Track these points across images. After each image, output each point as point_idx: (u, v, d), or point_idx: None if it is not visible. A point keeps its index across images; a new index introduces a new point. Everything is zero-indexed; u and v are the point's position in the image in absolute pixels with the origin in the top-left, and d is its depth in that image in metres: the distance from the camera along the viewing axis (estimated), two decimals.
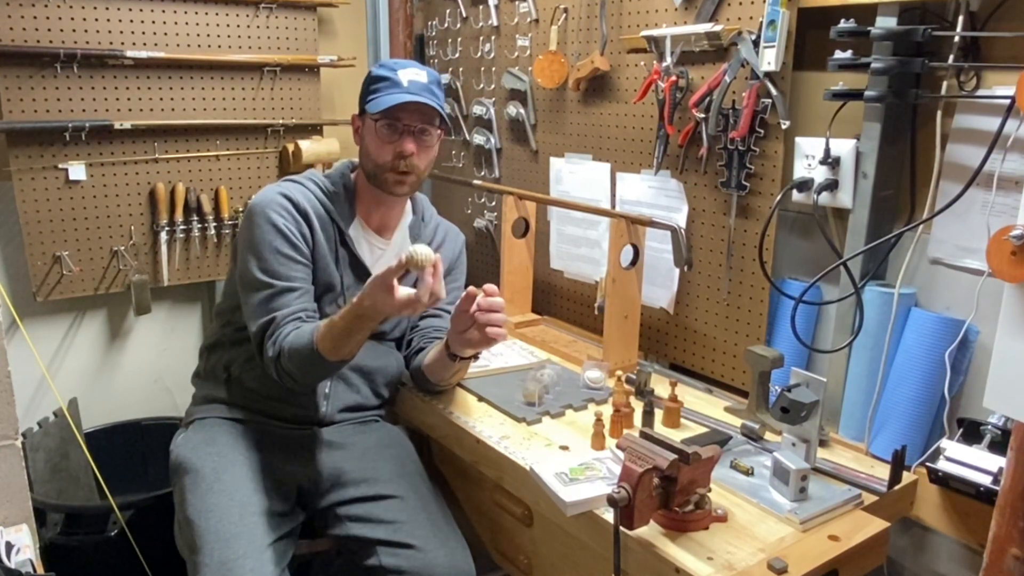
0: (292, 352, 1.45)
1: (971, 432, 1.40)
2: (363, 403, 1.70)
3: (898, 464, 1.37)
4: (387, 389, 1.75)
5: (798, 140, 1.59)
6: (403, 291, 1.36)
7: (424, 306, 1.39)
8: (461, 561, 1.50)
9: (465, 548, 1.53)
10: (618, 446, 1.24)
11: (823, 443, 1.51)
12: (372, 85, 1.57)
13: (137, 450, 2.31)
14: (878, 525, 1.28)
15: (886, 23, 1.40)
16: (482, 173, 2.45)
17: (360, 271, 1.63)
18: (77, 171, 2.13)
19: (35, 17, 2.02)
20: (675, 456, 1.16)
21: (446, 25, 2.48)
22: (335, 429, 1.65)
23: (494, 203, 2.42)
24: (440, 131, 1.62)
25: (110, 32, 2.12)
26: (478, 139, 2.41)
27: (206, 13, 2.26)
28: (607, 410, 1.60)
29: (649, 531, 1.23)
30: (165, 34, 2.20)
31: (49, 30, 2.04)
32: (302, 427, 1.63)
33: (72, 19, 2.07)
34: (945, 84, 1.41)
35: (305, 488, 1.58)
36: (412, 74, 1.56)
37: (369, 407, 1.72)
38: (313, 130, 2.49)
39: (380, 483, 1.57)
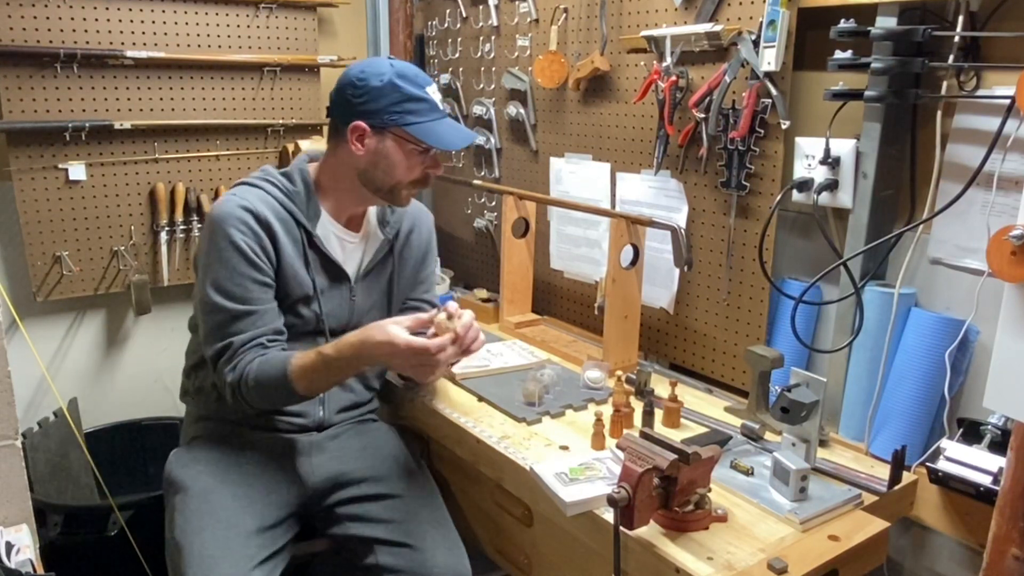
0: (259, 382, 1.43)
1: (971, 432, 1.40)
2: (358, 400, 1.69)
3: (898, 464, 1.37)
4: (377, 380, 1.74)
5: (798, 140, 1.59)
6: (411, 337, 1.37)
7: (432, 366, 1.38)
8: (458, 561, 1.49)
9: (461, 548, 1.52)
10: (618, 446, 1.24)
11: (823, 443, 1.51)
12: (407, 103, 1.48)
13: (137, 450, 2.31)
14: (878, 525, 1.28)
15: (886, 23, 1.40)
16: (482, 173, 2.45)
17: (333, 270, 1.59)
18: (77, 171, 2.13)
19: (35, 17, 2.02)
20: (675, 456, 1.16)
21: (446, 25, 2.48)
22: (333, 431, 1.65)
23: (494, 203, 2.42)
24: None
25: (110, 32, 2.12)
26: (478, 139, 2.41)
27: (206, 13, 2.26)
28: (607, 410, 1.60)
29: (649, 531, 1.23)
30: (165, 34, 2.20)
31: (49, 30, 2.04)
32: (301, 433, 1.61)
33: (72, 19, 2.07)
34: (945, 84, 1.41)
35: (304, 492, 1.57)
36: (436, 92, 1.53)
37: (364, 403, 1.71)
38: (313, 130, 2.49)
39: (378, 482, 1.57)
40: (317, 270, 1.57)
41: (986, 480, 1.31)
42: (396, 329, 1.38)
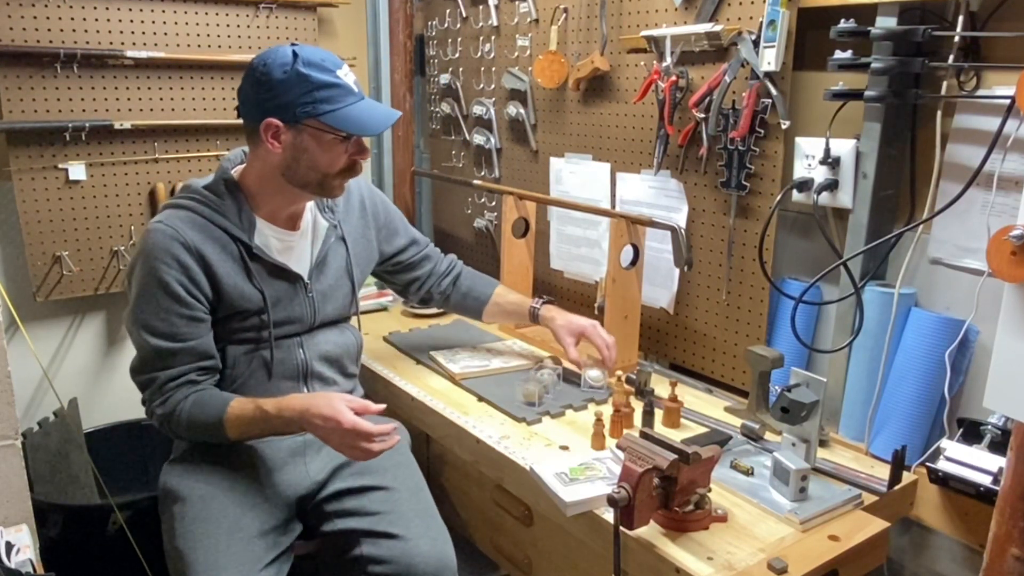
0: (192, 423, 1.45)
1: (971, 432, 1.40)
2: (339, 391, 1.66)
3: (898, 464, 1.37)
4: (354, 365, 1.72)
5: (798, 140, 1.59)
6: (356, 418, 1.37)
7: (367, 452, 1.38)
8: (443, 551, 1.47)
9: (447, 537, 1.51)
10: (618, 446, 1.24)
11: (823, 443, 1.51)
12: (319, 91, 1.40)
13: (137, 450, 2.31)
14: (878, 525, 1.28)
15: (886, 23, 1.40)
16: (482, 173, 2.45)
17: (283, 275, 1.55)
18: (77, 171, 2.13)
19: (35, 17, 2.01)
20: (675, 456, 1.16)
21: (446, 25, 2.48)
22: None
23: (494, 203, 2.42)
24: None
25: (110, 32, 2.12)
26: (478, 139, 2.41)
27: (206, 13, 2.25)
28: (607, 410, 1.61)
29: (649, 531, 1.23)
30: (165, 34, 2.20)
31: (49, 30, 2.04)
32: (292, 434, 1.59)
33: (72, 19, 2.07)
34: (945, 84, 1.41)
35: (303, 492, 1.56)
36: (348, 73, 1.45)
37: (345, 392, 1.69)
38: None
39: (365, 475, 1.56)
40: (265, 279, 1.52)
41: (986, 480, 1.31)
42: (343, 407, 1.37)
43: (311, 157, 1.45)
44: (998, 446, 1.35)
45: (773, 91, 1.58)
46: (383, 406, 1.44)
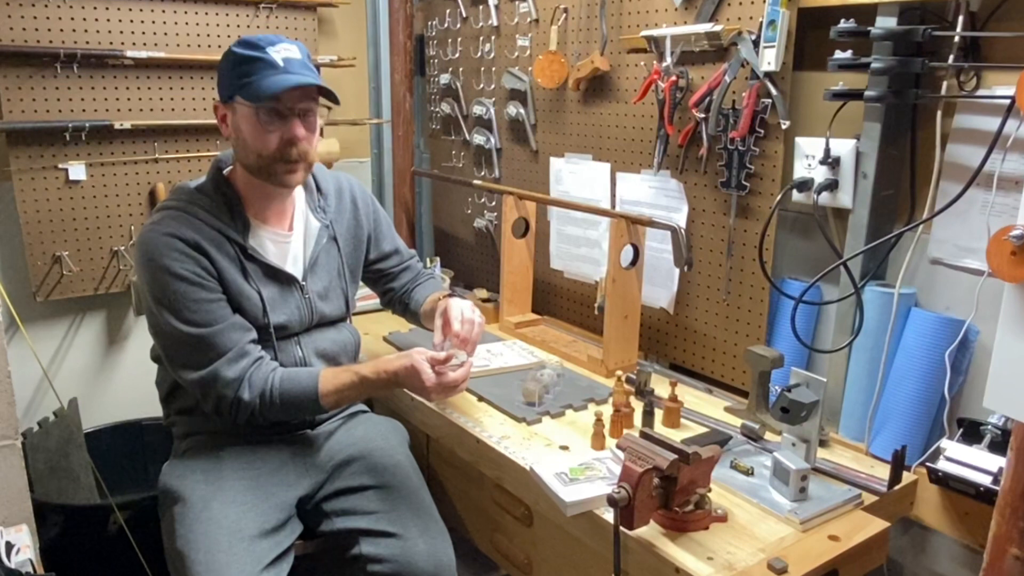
0: (287, 399, 1.46)
1: (971, 432, 1.40)
2: None
3: (898, 464, 1.37)
4: (352, 363, 1.70)
5: (798, 140, 1.59)
6: (442, 378, 1.45)
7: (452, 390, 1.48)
8: (441, 550, 1.48)
9: (446, 537, 1.52)
10: (618, 446, 1.24)
11: (823, 443, 1.51)
12: (241, 67, 1.40)
13: (137, 450, 2.31)
14: (878, 525, 1.28)
15: (886, 23, 1.40)
16: (482, 173, 2.45)
17: (278, 276, 1.55)
18: (77, 171, 2.13)
19: (35, 17, 2.02)
20: (675, 456, 1.16)
21: (446, 25, 2.48)
22: (325, 427, 1.65)
23: (494, 203, 2.42)
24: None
25: (110, 32, 2.12)
26: (478, 139, 2.41)
27: (206, 13, 2.26)
28: (607, 410, 1.61)
29: (649, 531, 1.23)
30: (165, 34, 2.20)
31: (49, 30, 2.04)
32: (295, 432, 1.61)
33: (72, 19, 2.07)
34: (945, 84, 1.41)
35: (303, 491, 1.57)
36: (284, 50, 1.43)
37: None
38: None
39: (365, 474, 1.56)
40: (260, 280, 1.51)
41: (986, 480, 1.31)
42: (426, 368, 1.44)
43: (243, 137, 1.46)
44: (998, 446, 1.35)
45: (773, 91, 1.58)
46: (446, 354, 1.48)
